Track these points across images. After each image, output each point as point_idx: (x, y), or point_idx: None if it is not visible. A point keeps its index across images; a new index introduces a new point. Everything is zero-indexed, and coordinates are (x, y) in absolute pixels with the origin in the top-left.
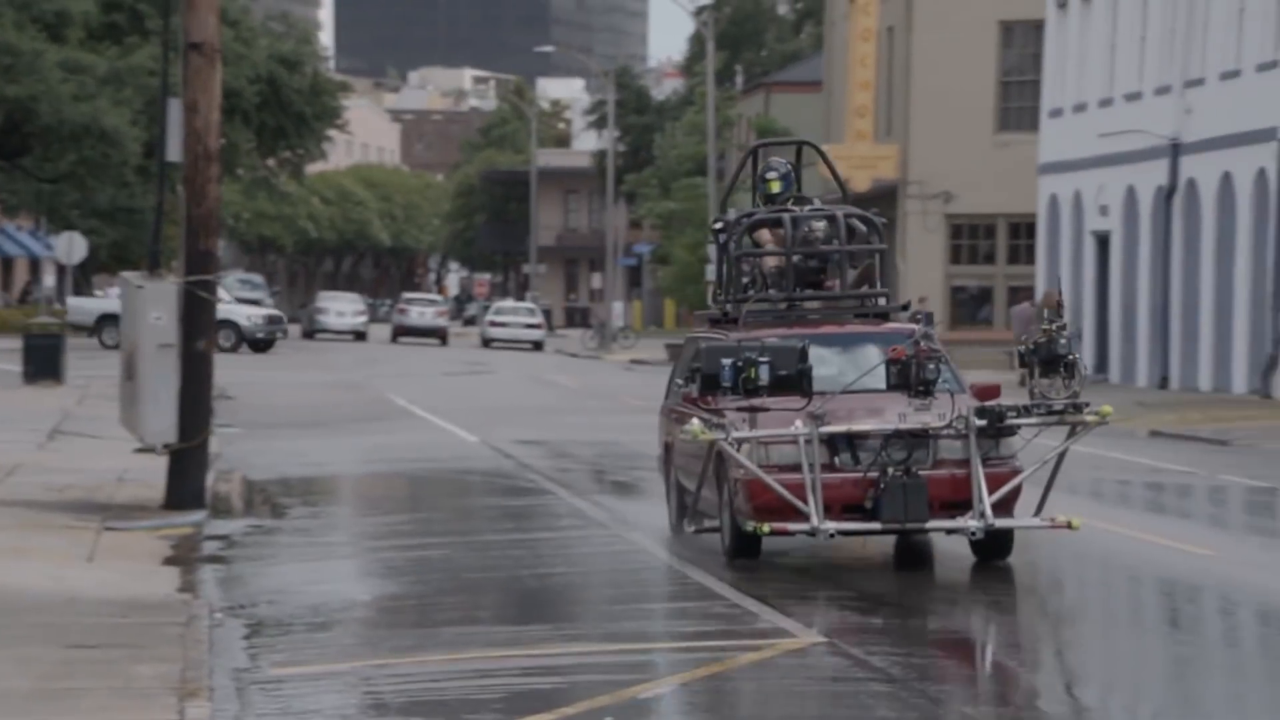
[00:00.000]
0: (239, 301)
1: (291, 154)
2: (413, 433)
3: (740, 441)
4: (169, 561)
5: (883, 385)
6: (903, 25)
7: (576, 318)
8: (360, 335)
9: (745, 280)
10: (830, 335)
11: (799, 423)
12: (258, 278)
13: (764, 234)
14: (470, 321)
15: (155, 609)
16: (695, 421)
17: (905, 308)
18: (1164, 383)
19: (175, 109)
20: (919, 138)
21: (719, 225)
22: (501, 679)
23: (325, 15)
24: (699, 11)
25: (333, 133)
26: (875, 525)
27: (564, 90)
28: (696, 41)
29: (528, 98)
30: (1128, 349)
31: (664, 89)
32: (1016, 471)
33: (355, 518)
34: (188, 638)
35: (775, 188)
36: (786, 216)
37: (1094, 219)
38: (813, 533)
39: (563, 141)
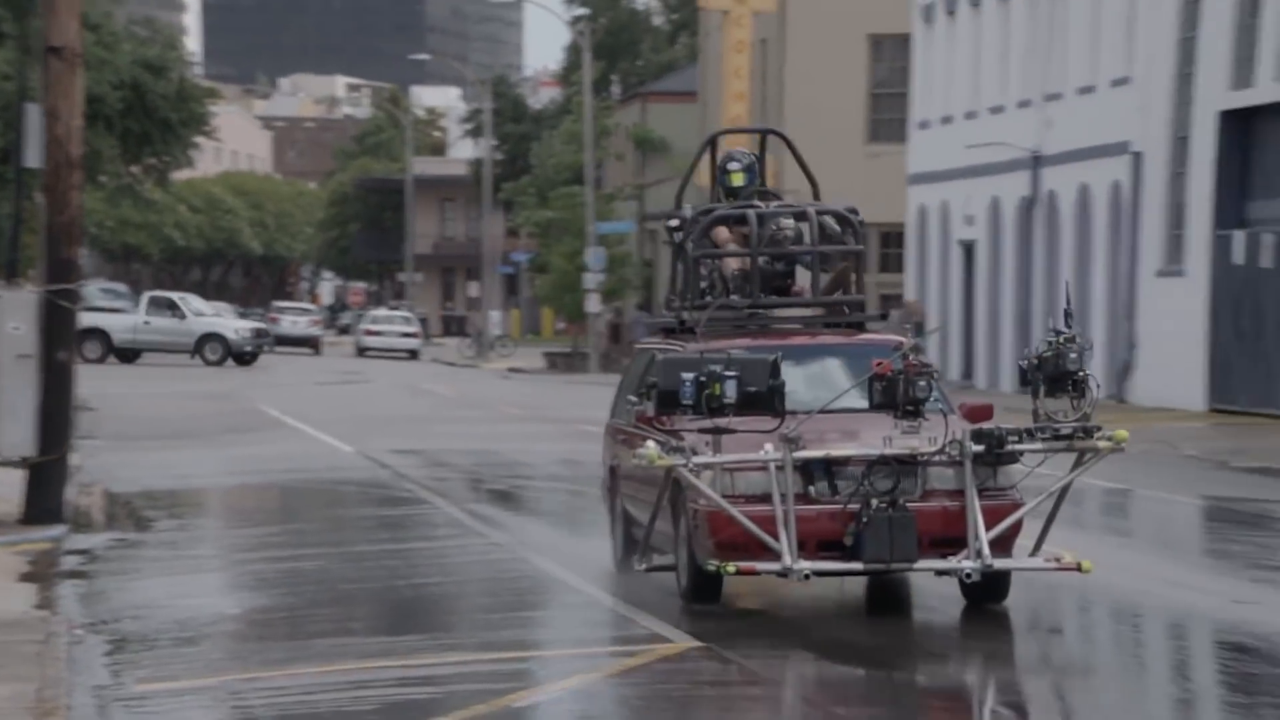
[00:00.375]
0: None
1: (157, 161)
2: (285, 443)
3: (702, 467)
4: (26, 578)
5: (865, 404)
6: (776, 38)
7: (453, 326)
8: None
9: (704, 284)
10: (803, 347)
11: (769, 446)
12: (121, 287)
13: (722, 232)
14: (345, 330)
15: (10, 627)
16: (651, 444)
17: (884, 316)
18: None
19: (34, 114)
20: (797, 146)
21: (675, 223)
22: (376, 690)
23: (192, 20)
24: (575, 21)
25: (201, 140)
26: (856, 565)
27: (440, 98)
28: (573, 51)
29: (403, 105)
30: (992, 355)
31: (541, 98)
32: (1017, 504)
33: (225, 530)
34: (45, 655)
35: (738, 180)
36: (752, 212)
37: (960, 228)
38: (785, 573)
39: (439, 149)
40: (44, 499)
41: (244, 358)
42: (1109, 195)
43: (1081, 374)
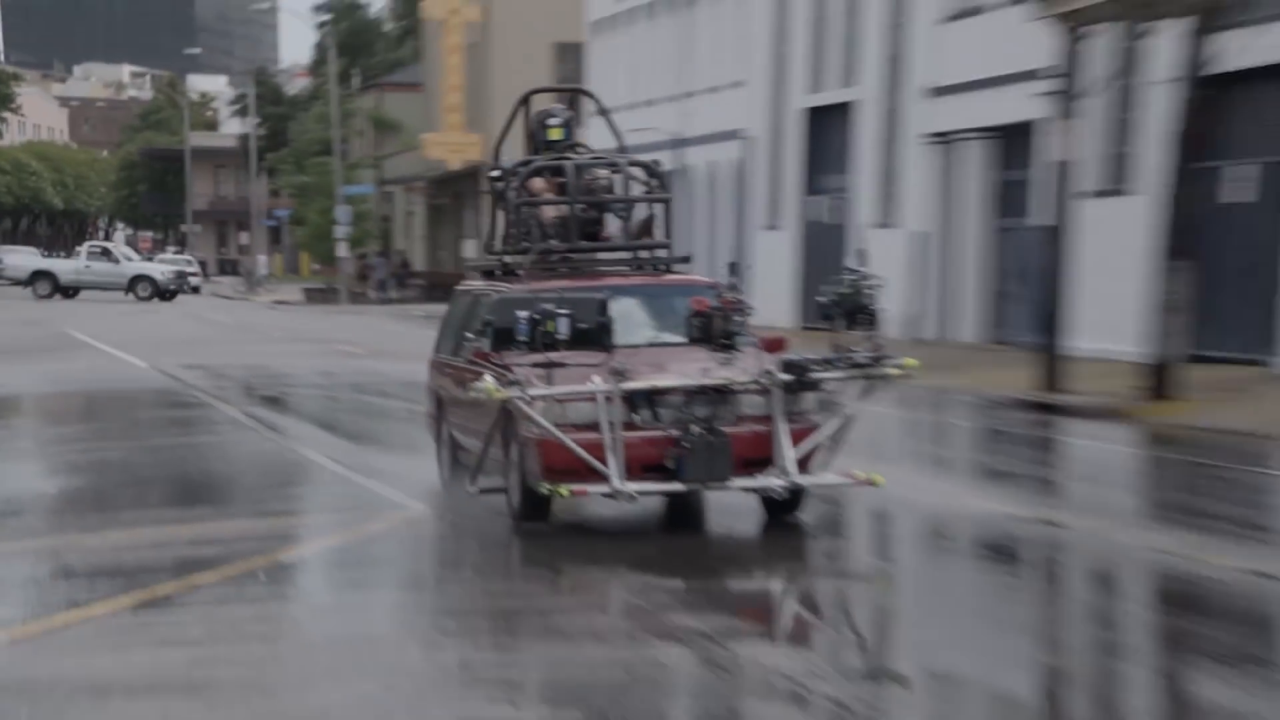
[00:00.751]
0: None
1: None
2: (90, 360)
3: (535, 399)
4: None
5: (684, 339)
6: (482, 43)
7: (228, 268)
8: None
9: (521, 231)
10: (624, 287)
11: (598, 379)
12: None
13: (538, 182)
14: None
15: None
16: (488, 378)
17: (687, 259)
18: None
19: None
20: (497, 129)
21: (496, 174)
22: (172, 549)
23: None
24: (321, 25)
25: (7, 115)
26: (678, 485)
27: (211, 84)
28: (321, 49)
29: (179, 90)
30: None
31: (295, 86)
32: (816, 427)
33: (40, 428)
34: None
35: (556, 134)
36: (569, 164)
37: None
38: (613, 494)
39: (211, 126)
40: None
41: (167, 295)
42: (730, 170)
43: (875, 309)
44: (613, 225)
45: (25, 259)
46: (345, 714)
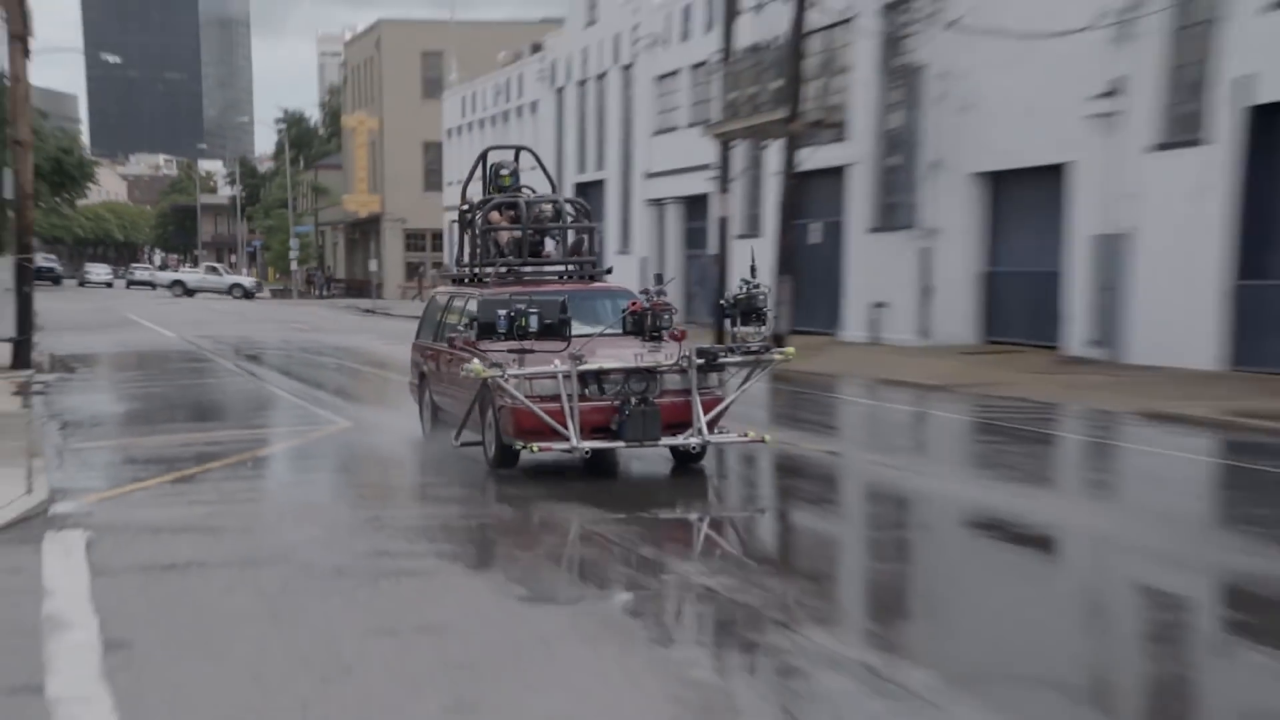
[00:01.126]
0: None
1: (68, 195)
2: (140, 333)
3: (510, 377)
4: (15, 393)
5: (620, 331)
6: (380, 142)
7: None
8: (109, 285)
9: (483, 250)
10: (569, 293)
11: (558, 361)
12: (53, 257)
13: (495, 215)
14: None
15: (12, 416)
16: (475, 361)
17: (609, 271)
18: None
19: (8, 175)
20: (390, 193)
21: (466, 208)
22: (194, 447)
23: (85, 126)
24: (280, 130)
25: (90, 185)
26: (619, 443)
27: (212, 166)
28: (279, 144)
29: (193, 169)
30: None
31: (264, 166)
32: (720, 399)
33: (111, 373)
34: (31, 429)
35: (508, 181)
36: (522, 200)
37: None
38: (571, 451)
39: (214, 190)
40: (21, 356)
41: (251, 295)
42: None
43: (764, 310)
44: (549, 246)
45: (169, 274)
46: (301, 546)
